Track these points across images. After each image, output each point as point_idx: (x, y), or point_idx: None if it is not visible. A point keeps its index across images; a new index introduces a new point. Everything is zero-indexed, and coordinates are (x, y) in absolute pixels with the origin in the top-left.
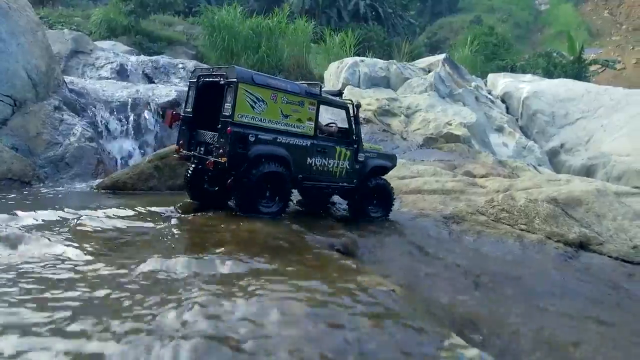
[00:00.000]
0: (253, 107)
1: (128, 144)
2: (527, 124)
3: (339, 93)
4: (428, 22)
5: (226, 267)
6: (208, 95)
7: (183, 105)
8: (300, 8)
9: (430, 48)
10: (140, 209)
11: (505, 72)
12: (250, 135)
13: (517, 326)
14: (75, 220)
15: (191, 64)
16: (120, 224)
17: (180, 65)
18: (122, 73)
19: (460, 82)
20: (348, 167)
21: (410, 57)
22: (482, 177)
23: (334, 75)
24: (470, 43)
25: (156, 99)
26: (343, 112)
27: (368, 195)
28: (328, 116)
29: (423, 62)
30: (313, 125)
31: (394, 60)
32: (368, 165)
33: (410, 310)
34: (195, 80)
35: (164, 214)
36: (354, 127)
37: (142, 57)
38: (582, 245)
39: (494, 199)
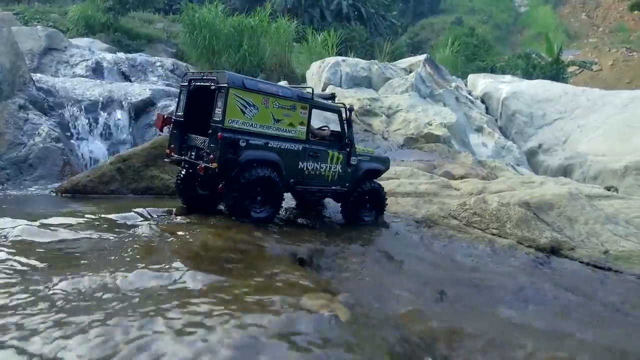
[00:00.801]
0: (244, 112)
1: (98, 145)
2: (506, 124)
3: (332, 96)
4: (410, 23)
5: (151, 283)
6: (199, 100)
7: (175, 109)
8: (283, 7)
9: (412, 48)
10: (93, 216)
11: (485, 73)
12: (241, 141)
13: (478, 343)
14: (13, 229)
15: (169, 62)
16: (66, 233)
17: (159, 64)
18: (97, 71)
19: (441, 82)
20: (340, 170)
21: (392, 57)
22: (461, 177)
23: (315, 74)
24: (451, 44)
25: (130, 98)
26: (335, 116)
27: (362, 199)
28: (322, 119)
29: (404, 62)
30: (305, 130)
31: (376, 60)
32: (361, 169)
33: (349, 340)
34: (186, 84)
35: (118, 220)
36: (346, 130)
37: (119, 55)
38: (554, 250)
39: (466, 203)
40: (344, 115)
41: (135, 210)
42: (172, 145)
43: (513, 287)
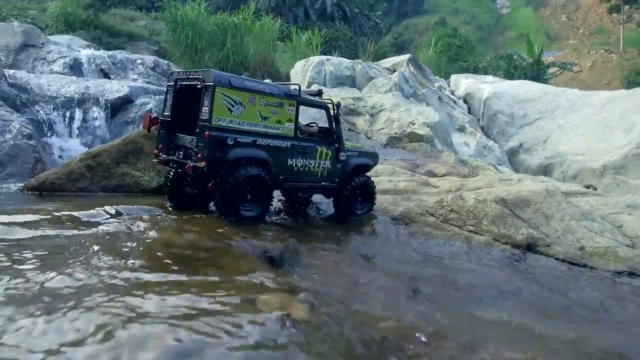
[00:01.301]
0: (231, 111)
1: (73, 142)
2: (488, 124)
3: (319, 93)
4: (394, 23)
5: (94, 280)
6: (186, 99)
7: (162, 108)
8: (267, 6)
9: (396, 48)
10: (57, 213)
11: (468, 73)
12: (228, 139)
13: (447, 342)
14: None
15: (150, 59)
16: (22, 231)
17: (139, 61)
18: (76, 68)
19: (424, 82)
20: (329, 166)
21: (376, 57)
22: (443, 176)
23: (300, 73)
24: (434, 44)
25: (107, 95)
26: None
27: (354, 194)
28: (307, 117)
29: (388, 62)
30: (293, 127)
31: (360, 60)
32: (350, 164)
33: (299, 340)
34: (172, 83)
35: (83, 218)
36: (334, 126)
37: (98, 52)
38: (530, 246)
39: (443, 200)
40: (331, 111)
41: (102, 207)
42: (160, 146)
43: (488, 284)
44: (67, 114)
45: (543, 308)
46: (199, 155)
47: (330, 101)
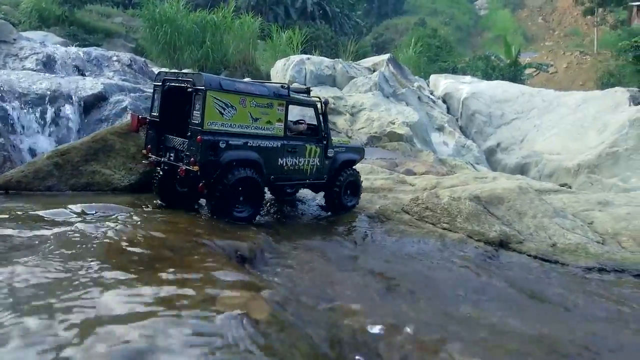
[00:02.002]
0: (222, 114)
1: (44, 140)
2: (467, 123)
3: (307, 90)
4: (374, 23)
5: (42, 280)
6: (174, 100)
7: (149, 109)
8: (247, 4)
9: (376, 48)
10: (19, 212)
11: (447, 74)
12: (220, 142)
13: (415, 340)
14: None
15: (127, 56)
16: None
17: (115, 58)
18: (49, 65)
19: (404, 82)
20: (318, 163)
21: (356, 57)
22: (422, 174)
23: (280, 72)
24: (414, 44)
25: (80, 92)
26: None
27: (344, 188)
28: (297, 112)
29: (368, 61)
30: (283, 126)
31: (340, 59)
32: (338, 160)
33: (257, 341)
34: (160, 84)
35: (46, 217)
36: (322, 124)
37: (72, 49)
38: (502, 243)
39: (418, 197)
40: (319, 109)
41: (69, 206)
42: (148, 146)
43: (461, 281)
44: (38, 111)
45: (514, 305)
46: (192, 159)
47: (318, 99)
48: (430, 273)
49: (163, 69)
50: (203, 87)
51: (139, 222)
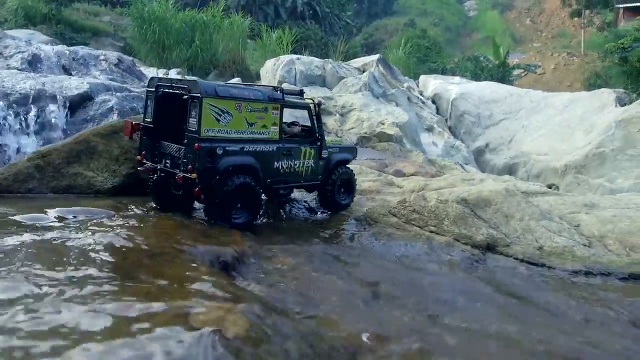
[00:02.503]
0: (218, 120)
1: (28, 141)
2: (456, 124)
3: (300, 92)
4: (364, 23)
5: (18, 293)
6: (169, 106)
7: (142, 114)
8: (237, 4)
9: (366, 49)
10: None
11: (436, 74)
12: (217, 149)
13: (398, 349)
14: None
15: (114, 55)
16: None
17: (102, 57)
18: (34, 64)
19: (394, 82)
20: (313, 164)
21: (346, 57)
22: (411, 175)
23: (270, 72)
24: (403, 45)
25: (65, 92)
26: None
27: (337, 187)
28: (290, 113)
29: (358, 62)
30: (278, 130)
31: (330, 60)
32: (332, 161)
33: None
34: (153, 90)
35: (24, 222)
36: (316, 125)
37: (59, 47)
38: (489, 247)
39: (406, 200)
40: (313, 110)
41: (47, 210)
42: (143, 152)
43: (448, 286)
44: (22, 111)
45: (501, 310)
46: (189, 166)
47: (311, 100)
48: (417, 278)
49: (155, 75)
50: (199, 95)
51: (119, 228)
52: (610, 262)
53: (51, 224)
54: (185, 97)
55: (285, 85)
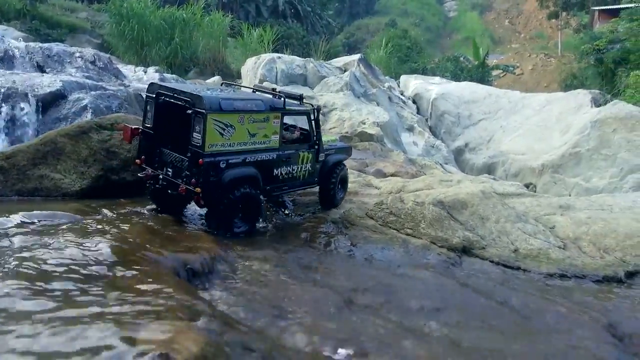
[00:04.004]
0: (222, 134)
1: None
2: (436, 124)
3: (300, 97)
4: (346, 23)
5: None
6: (169, 113)
7: (142, 119)
8: (217, 1)
9: (348, 48)
10: None
11: (417, 74)
12: (221, 162)
13: None
14: None
15: (90, 52)
16: None
17: (78, 54)
18: (6, 61)
19: (375, 82)
20: (310, 168)
21: (328, 56)
22: (392, 175)
23: (251, 71)
24: (385, 45)
25: (37, 90)
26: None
27: (334, 186)
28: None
29: (339, 61)
30: (278, 138)
31: (312, 59)
32: (328, 163)
33: None
34: (153, 96)
35: None
36: (314, 130)
37: (32, 44)
38: (465, 249)
39: (383, 202)
40: (312, 116)
41: (10, 214)
42: (142, 157)
43: (424, 292)
44: None
45: (475, 316)
46: (193, 180)
47: (310, 105)
48: (393, 283)
49: (156, 81)
50: (204, 111)
51: (81, 235)
52: (585, 265)
53: (12, 228)
54: (190, 112)
55: (266, 84)
